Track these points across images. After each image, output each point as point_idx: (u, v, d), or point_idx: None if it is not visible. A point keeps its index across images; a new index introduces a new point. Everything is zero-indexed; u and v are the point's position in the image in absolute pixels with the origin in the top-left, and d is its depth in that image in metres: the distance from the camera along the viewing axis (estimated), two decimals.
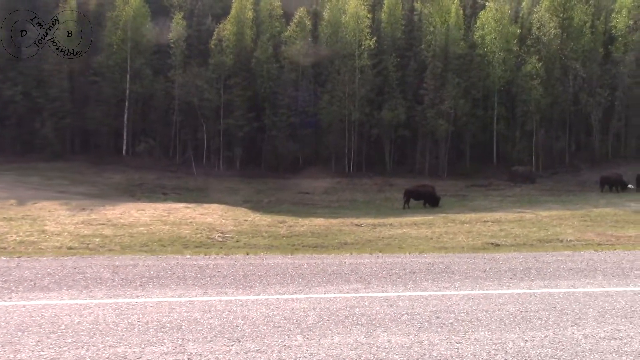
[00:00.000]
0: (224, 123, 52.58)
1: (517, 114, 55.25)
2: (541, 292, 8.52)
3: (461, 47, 55.80)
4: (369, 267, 10.25)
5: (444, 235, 27.32)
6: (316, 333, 6.56)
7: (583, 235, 26.95)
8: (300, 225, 29.62)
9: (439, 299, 8.09)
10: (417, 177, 51.23)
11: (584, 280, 9.37)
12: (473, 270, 10.12)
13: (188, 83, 52.48)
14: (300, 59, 54.06)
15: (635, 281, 9.36)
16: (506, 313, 7.41)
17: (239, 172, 52.91)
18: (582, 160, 56.01)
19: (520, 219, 32.35)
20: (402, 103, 52.82)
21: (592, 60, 57.16)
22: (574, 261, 11.17)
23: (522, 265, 10.72)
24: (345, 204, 43.36)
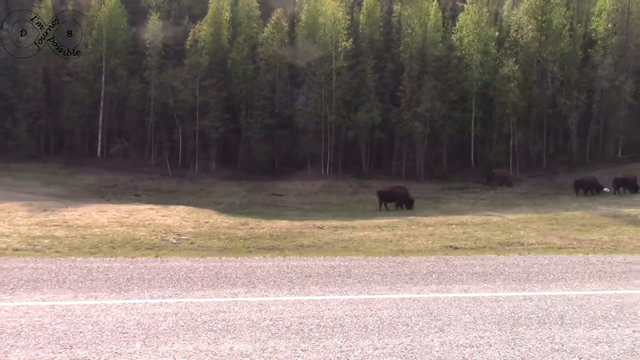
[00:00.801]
0: (199, 124, 52.14)
1: (495, 116, 55.07)
2: (427, 297, 8.23)
3: (439, 49, 55.61)
4: (267, 271, 9.95)
5: (404, 238, 26.99)
6: (160, 340, 6.26)
7: (545, 239, 26.67)
8: (261, 228, 29.28)
9: (315, 304, 7.79)
10: (394, 179, 50.91)
11: (480, 285, 9.09)
12: (372, 274, 9.82)
13: (163, 84, 52.03)
14: (277, 60, 53.71)
15: (532, 286, 9.08)
16: (376, 319, 7.12)
17: (214, 174, 52.52)
18: (559, 163, 55.86)
19: (486, 222, 32.10)
20: (379, 105, 52.48)
21: (570, 63, 57.04)
22: (484, 265, 10.88)
23: (427, 269, 10.43)
24: (317, 206, 43.08)
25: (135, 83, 53.23)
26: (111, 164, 52.28)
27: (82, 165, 51.71)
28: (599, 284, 9.35)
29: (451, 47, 56.48)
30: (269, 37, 54.39)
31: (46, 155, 53.75)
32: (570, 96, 55.11)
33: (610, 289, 8.97)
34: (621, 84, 55.30)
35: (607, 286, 9.16)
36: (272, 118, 52.75)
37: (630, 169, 52.47)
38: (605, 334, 6.71)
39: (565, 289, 8.91)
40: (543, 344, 6.33)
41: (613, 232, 29.15)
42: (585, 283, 9.37)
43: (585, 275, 9.98)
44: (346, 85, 53.16)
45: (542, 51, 56.99)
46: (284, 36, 54.76)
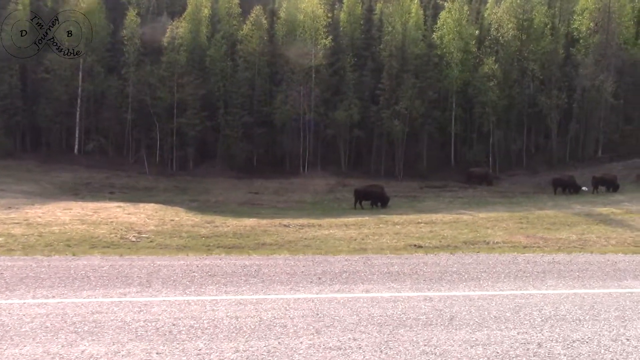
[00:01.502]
0: (177, 122, 51.75)
1: (475, 115, 54.93)
2: (322, 297, 7.97)
3: (420, 48, 55.39)
4: (173, 270, 9.65)
5: (369, 237, 26.89)
6: (13, 342, 6.00)
7: (512, 238, 26.58)
8: (226, 226, 29.09)
9: (202, 304, 7.52)
10: (373, 177, 50.71)
11: (387, 285, 8.83)
12: (282, 274, 9.54)
13: (141, 81, 51.60)
14: (256, 57, 53.38)
15: (440, 286, 8.83)
16: (256, 320, 6.86)
17: (192, 172, 52.18)
18: (539, 163, 55.77)
19: (456, 221, 32.00)
20: (357, 103, 52.21)
21: (551, 62, 56.92)
22: (403, 264, 10.60)
23: (342, 268, 10.14)
24: (292, 205, 42.84)
25: (113, 80, 52.78)
26: (88, 162, 51.81)
27: (58, 163, 51.21)
28: (512, 284, 9.11)
29: (432, 46, 56.28)
30: (248, 34, 54.01)
31: (22, 153, 53.19)
32: (550, 95, 55.01)
33: (521, 289, 8.73)
34: (601, 83, 55.22)
35: (518, 286, 8.92)
36: (251, 116, 52.41)
37: (610, 168, 52.56)
38: (487, 335, 6.47)
39: (473, 289, 8.66)
40: (416, 346, 6.08)
41: (582, 231, 29.08)
42: (497, 283, 9.13)
43: (501, 275, 9.74)
44: (325, 83, 52.90)
45: (523, 50, 56.87)
46: (263, 33, 54.38)
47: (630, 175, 52.31)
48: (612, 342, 6.33)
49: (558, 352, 6.03)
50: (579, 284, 9.11)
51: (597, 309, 7.62)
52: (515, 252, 16.34)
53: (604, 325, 6.93)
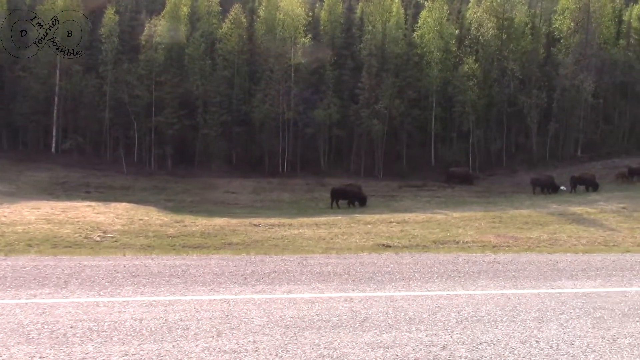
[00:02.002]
0: (154, 120, 51.37)
1: (454, 114, 54.90)
2: (237, 298, 7.76)
3: (400, 47, 55.28)
4: (104, 270, 9.39)
5: (339, 236, 26.75)
6: None
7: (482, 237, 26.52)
8: (195, 225, 28.86)
9: (109, 305, 7.28)
10: (352, 177, 50.62)
11: (312, 285, 8.62)
12: (207, 274, 9.31)
13: (118, 79, 51.19)
14: (235, 56, 53.10)
15: (366, 286, 8.63)
16: (160, 322, 6.63)
17: (170, 171, 51.85)
18: (519, 162, 55.85)
19: (429, 220, 31.91)
20: (336, 102, 52.06)
21: (530, 61, 57.03)
22: (338, 265, 10.40)
23: (275, 269, 9.93)
24: (269, 204, 42.65)
25: (90, 79, 52.30)
26: (65, 161, 51.36)
27: (35, 162, 50.68)
28: (442, 284, 8.93)
29: (412, 45, 56.21)
30: (228, 33, 53.69)
31: None
32: (530, 94, 55.11)
33: (449, 289, 8.56)
34: (581, 82, 55.38)
35: (447, 287, 8.75)
36: (229, 115, 52.11)
37: (589, 168, 52.69)
38: (394, 338, 6.28)
39: (400, 289, 8.47)
40: (314, 349, 5.88)
41: (554, 230, 29.08)
42: (427, 283, 8.95)
43: (434, 275, 9.57)
44: (304, 82, 52.72)
45: (503, 49, 56.93)
46: (242, 32, 54.08)
47: (609, 174, 52.48)
48: (519, 344, 6.16)
49: (460, 355, 5.85)
50: (511, 284, 8.95)
51: (518, 310, 7.45)
52: (485, 251, 16.27)
53: (518, 326, 6.76)
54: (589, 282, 9.26)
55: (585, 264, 10.88)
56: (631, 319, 7.16)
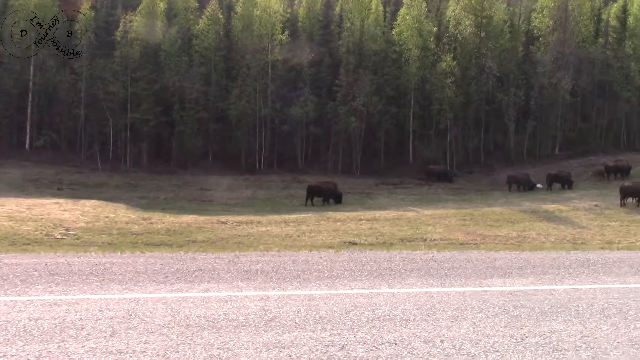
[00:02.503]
0: (130, 117, 50.89)
1: (432, 112, 54.81)
2: (147, 297, 7.53)
3: (378, 44, 55.10)
4: (22, 268, 9.11)
5: (306, 234, 26.61)
6: None
7: (450, 235, 26.50)
8: (162, 223, 28.64)
9: (11, 305, 7.01)
10: (329, 174, 50.49)
11: (233, 284, 8.41)
12: (129, 272, 9.06)
13: (93, 76, 50.65)
14: (212, 53, 52.71)
15: (284, 284, 8.43)
16: (56, 322, 6.38)
17: (146, 168, 51.40)
18: (496, 160, 55.91)
19: (399, 218, 31.85)
20: (313, 99, 51.83)
21: (509, 59, 57.07)
22: (268, 262, 10.19)
23: (207, 266, 9.70)
24: (243, 201, 42.42)
25: (65, 74, 51.66)
26: (39, 157, 50.75)
27: (8, 159, 49.98)
28: (369, 282, 8.75)
29: (390, 42, 56.06)
30: (204, 29, 53.26)
31: None
32: (508, 92, 55.15)
33: (373, 287, 8.38)
34: (558, 81, 55.52)
35: (373, 285, 8.56)
36: (206, 111, 51.73)
37: (566, 166, 52.81)
38: (295, 337, 6.08)
39: (322, 288, 8.28)
40: (206, 349, 5.67)
41: (524, 228, 29.11)
42: (354, 281, 8.75)
43: (364, 273, 9.37)
44: (281, 79, 52.46)
45: (481, 47, 56.93)
46: (219, 29, 53.67)
47: (585, 172, 52.66)
48: (422, 344, 5.98)
49: (357, 355, 5.66)
50: (439, 282, 8.78)
51: (436, 309, 7.28)
52: (453, 249, 16.13)
53: (429, 325, 6.59)
54: (520, 280, 9.11)
55: (524, 262, 10.74)
56: (548, 317, 7.01)
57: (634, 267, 10.52)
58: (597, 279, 9.32)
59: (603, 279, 9.39)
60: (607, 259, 11.64)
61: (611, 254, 12.77)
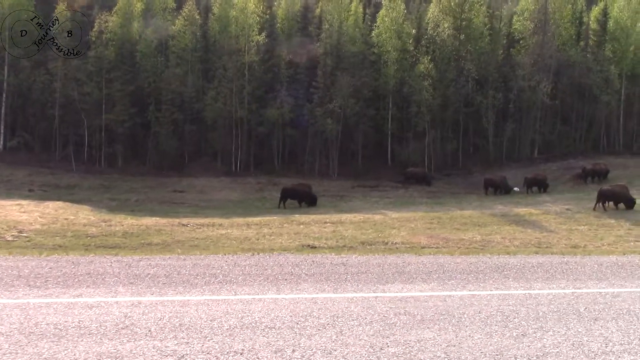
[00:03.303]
0: (105, 118, 50.34)
1: (411, 114, 54.50)
2: (8, 303, 7.16)
3: (357, 46, 54.74)
4: None
5: (266, 237, 26.20)
6: None
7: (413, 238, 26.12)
8: (120, 225, 28.16)
9: None
10: (306, 177, 50.00)
11: (113, 289, 8.04)
12: (32, 276, 8.71)
13: (68, 76, 50.10)
14: (188, 53, 52.26)
15: (191, 290, 8.07)
16: None
17: (121, 170, 50.85)
18: (475, 163, 55.66)
19: (365, 221, 31.48)
20: (289, 101, 51.42)
21: (488, 62, 56.84)
22: (165, 266, 9.82)
23: (108, 270, 9.33)
24: (215, 204, 41.95)
25: (39, 75, 51.09)
26: (13, 159, 50.10)
27: None
28: (260, 287, 8.41)
29: (368, 44, 55.74)
30: (181, 30, 52.78)
31: None
32: (486, 95, 54.93)
33: (258, 293, 8.03)
34: (537, 84, 55.35)
35: (260, 290, 8.22)
36: (181, 113, 51.21)
37: (545, 169, 52.62)
38: (136, 347, 5.74)
39: (206, 293, 7.96)
40: (33, 358, 5.31)
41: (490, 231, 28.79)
42: (244, 287, 8.40)
43: (261, 278, 9.04)
44: (257, 80, 52.05)
45: (460, 50, 56.70)
46: (196, 29, 53.18)
47: (563, 175, 52.52)
48: (270, 354, 5.68)
49: None
50: (332, 288, 8.49)
51: (311, 316, 6.99)
52: (412, 253, 15.79)
53: (290, 334, 6.27)
54: (421, 286, 8.80)
55: (438, 266, 10.41)
56: (424, 325, 6.69)
57: (549, 272, 10.20)
58: (502, 285, 8.99)
59: (510, 284, 9.07)
60: (531, 263, 11.34)
61: (542, 259, 12.48)
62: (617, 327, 6.83)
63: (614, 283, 9.44)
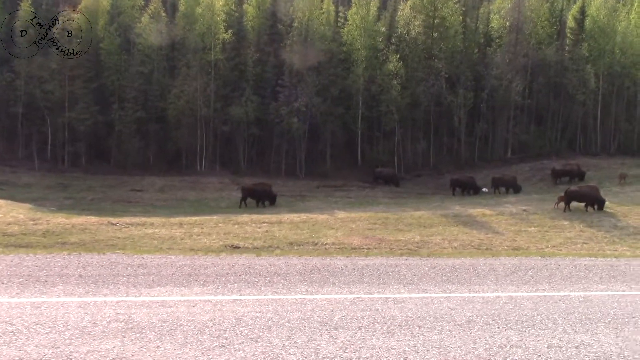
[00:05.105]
0: (67, 116, 49.69)
1: (380, 113, 53.65)
2: None
3: (326, 44, 53.94)
4: None
5: (193, 236, 25.74)
6: None
7: (346, 239, 25.59)
8: (46, 224, 27.65)
9: None
10: (272, 176, 49.46)
11: None
12: None
13: (31, 74, 49.48)
14: (153, 51, 51.55)
15: None
16: None
17: (84, 168, 50.28)
18: (446, 163, 54.89)
19: (306, 221, 30.91)
20: (254, 99, 50.62)
21: (460, 60, 55.97)
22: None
23: None
24: (170, 203, 41.48)
25: (2, 72, 50.49)
26: None
27: None
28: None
29: (336, 42, 54.94)
30: (147, 27, 52.05)
31: None
32: (457, 94, 54.08)
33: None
34: (509, 82, 54.50)
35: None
36: (145, 111, 50.52)
37: (517, 170, 51.83)
38: None
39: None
40: None
41: (432, 233, 28.19)
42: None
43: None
44: (223, 79, 51.33)
45: (432, 48, 55.83)
46: (161, 27, 52.45)
47: (534, 176, 51.85)
48: None
49: None
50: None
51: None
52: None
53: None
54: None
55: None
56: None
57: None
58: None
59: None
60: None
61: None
62: None
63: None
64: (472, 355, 5.70)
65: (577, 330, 6.64)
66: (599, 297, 8.51)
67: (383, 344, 5.86)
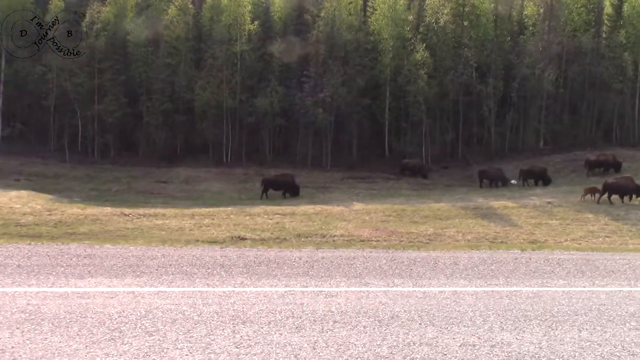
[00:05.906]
0: (96, 109, 50.50)
1: (408, 104, 52.84)
2: None
3: (352, 34, 53.34)
4: None
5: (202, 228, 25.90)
6: None
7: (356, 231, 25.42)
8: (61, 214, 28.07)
9: None
10: (298, 168, 49.31)
11: None
12: None
13: (61, 67, 50.39)
14: (180, 43, 51.90)
15: None
16: None
17: (112, 160, 51.05)
18: (475, 154, 53.73)
19: (319, 213, 30.75)
20: (279, 90, 50.47)
21: (491, 49, 54.63)
22: None
23: None
24: (193, 194, 41.66)
25: (34, 65, 51.53)
26: (9, 149, 50.71)
27: None
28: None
29: (363, 31, 54.30)
30: (174, 19, 52.41)
31: None
32: (486, 84, 52.87)
33: None
34: (541, 71, 53.03)
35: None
36: (172, 103, 50.96)
37: (548, 161, 50.45)
38: None
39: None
40: None
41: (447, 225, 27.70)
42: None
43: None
44: (249, 70, 51.37)
45: (462, 36, 54.68)
46: (189, 19, 52.76)
47: (566, 168, 50.40)
48: None
49: None
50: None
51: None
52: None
53: None
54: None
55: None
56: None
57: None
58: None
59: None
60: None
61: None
62: None
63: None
64: (371, 353, 5.37)
65: (504, 328, 6.24)
66: (552, 293, 8.03)
67: (283, 340, 5.58)
